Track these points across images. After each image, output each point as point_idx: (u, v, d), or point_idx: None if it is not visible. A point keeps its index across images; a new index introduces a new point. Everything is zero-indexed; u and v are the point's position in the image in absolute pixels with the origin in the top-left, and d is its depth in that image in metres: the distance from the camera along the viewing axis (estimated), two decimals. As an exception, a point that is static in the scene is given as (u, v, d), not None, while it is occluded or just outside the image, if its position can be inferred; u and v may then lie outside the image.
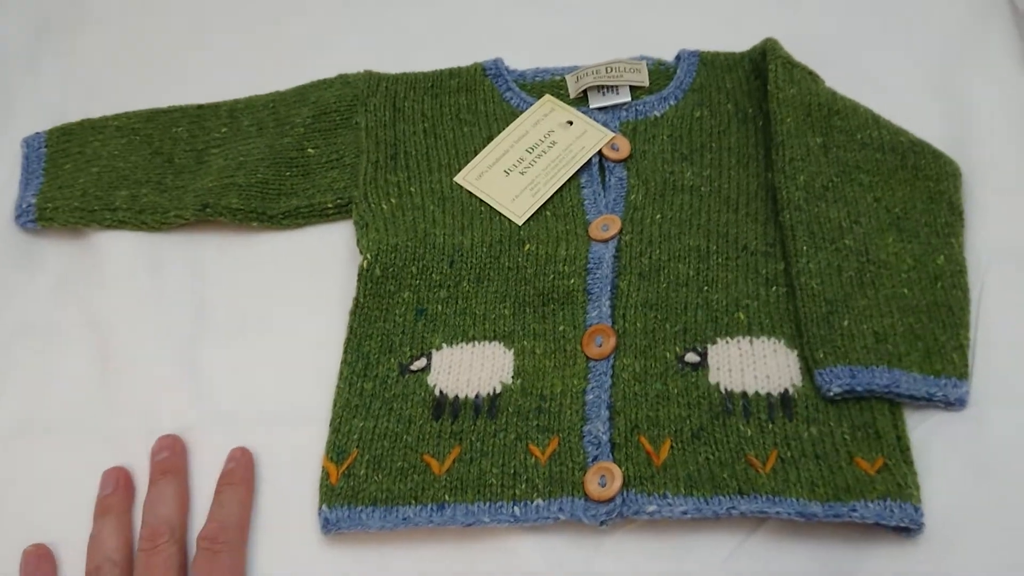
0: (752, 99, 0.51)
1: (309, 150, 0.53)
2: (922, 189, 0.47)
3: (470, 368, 0.43)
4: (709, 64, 0.53)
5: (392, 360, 0.44)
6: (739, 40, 0.54)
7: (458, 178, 0.50)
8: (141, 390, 0.46)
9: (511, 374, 0.43)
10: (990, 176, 0.48)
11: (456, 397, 0.42)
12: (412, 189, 0.50)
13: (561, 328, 0.44)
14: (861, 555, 0.38)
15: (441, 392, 0.42)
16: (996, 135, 0.49)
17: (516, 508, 0.39)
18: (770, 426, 0.40)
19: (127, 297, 0.49)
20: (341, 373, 0.44)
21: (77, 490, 0.43)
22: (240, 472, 0.42)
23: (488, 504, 0.39)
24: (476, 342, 0.44)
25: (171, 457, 0.43)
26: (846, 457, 0.39)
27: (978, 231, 0.46)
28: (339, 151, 0.52)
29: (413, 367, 0.43)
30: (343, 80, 0.55)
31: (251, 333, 0.47)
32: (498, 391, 0.42)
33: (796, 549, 0.38)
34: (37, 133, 0.55)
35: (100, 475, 0.43)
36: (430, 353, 0.44)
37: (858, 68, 0.53)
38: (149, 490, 0.42)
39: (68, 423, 0.45)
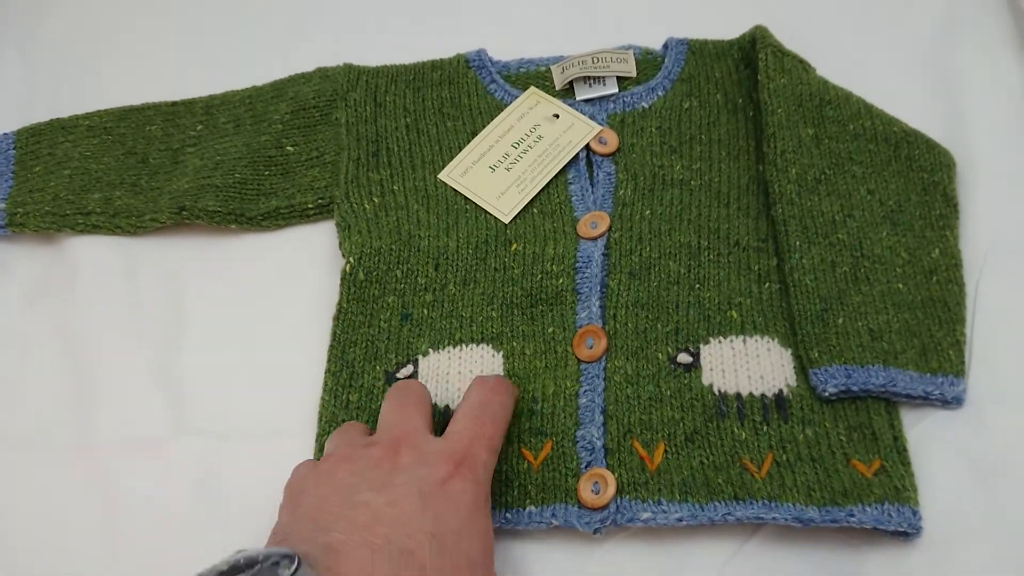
0: (742, 89, 0.50)
1: (288, 148, 0.51)
2: (916, 180, 0.46)
3: (459, 375, 0.42)
4: (698, 53, 0.52)
5: (377, 368, 0.43)
6: (726, 26, 0.52)
7: (442, 175, 0.49)
8: (115, 401, 0.44)
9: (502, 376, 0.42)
10: (984, 166, 0.47)
11: (447, 407, 0.41)
12: (395, 187, 0.49)
13: (551, 330, 0.43)
14: (859, 559, 0.37)
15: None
16: (990, 122, 0.48)
17: (508, 514, 0.38)
18: (765, 428, 0.39)
19: (101, 304, 0.47)
20: (325, 384, 0.43)
21: (49, 503, 0.42)
22: (505, 385, 0.39)
23: None
24: (463, 345, 0.43)
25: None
26: (842, 459, 0.38)
27: (973, 223, 0.45)
28: (319, 148, 0.51)
29: (399, 375, 0.42)
30: (322, 74, 0.53)
31: (230, 340, 0.46)
32: None
33: (793, 554, 0.37)
34: (5, 134, 0.53)
35: (72, 489, 0.41)
36: (416, 360, 0.43)
37: (846, 53, 0.52)
38: None
39: (40, 435, 0.44)
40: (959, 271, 0.43)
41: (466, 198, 0.48)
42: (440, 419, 0.41)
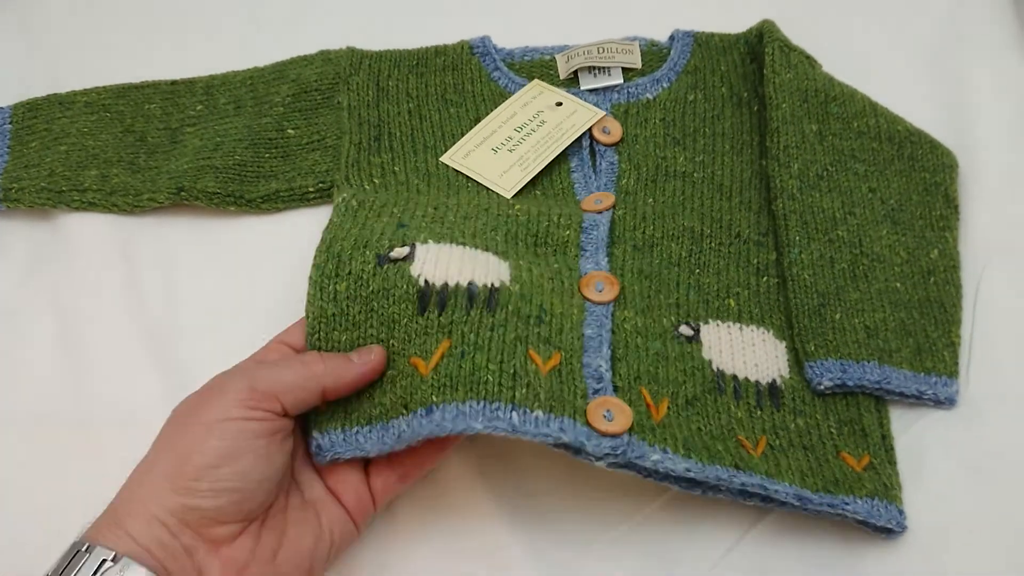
0: (747, 83, 0.50)
1: (289, 131, 0.51)
2: (918, 180, 0.46)
3: (460, 260, 0.37)
4: (704, 45, 0.52)
5: (368, 253, 0.38)
6: (733, 19, 0.52)
7: (444, 158, 0.49)
8: (110, 378, 0.44)
9: (509, 278, 0.38)
10: (988, 166, 0.47)
11: (445, 285, 0.36)
12: (396, 168, 0.48)
13: (556, 267, 0.41)
14: (853, 559, 0.37)
15: (426, 282, 0.37)
16: (993, 124, 0.49)
17: (514, 414, 0.33)
18: (759, 413, 0.39)
19: (97, 283, 0.47)
20: (311, 278, 0.38)
21: (41, 480, 0.42)
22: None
23: (482, 404, 0.33)
24: (466, 247, 0.38)
25: None
26: (832, 451, 0.38)
27: (975, 223, 0.45)
28: (320, 132, 0.51)
29: (393, 255, 0.38)
30: (324, 57, 0.53)
31: (225, 321, 0.46)
32: (496, 286, 0.37)
33: (787, 554, 0.37)
34: (0, 108, 0.52)
35: (64, 467, 0.41)
36: (413, 244, 0.38)
37: (851, 50, 0.52)
38: None
39: (33, 412, 0.44)
40: (957, 273, 0.43)
41: (468, 177, 0.48)
42: (437, 299, 0.36)
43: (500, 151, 0.48)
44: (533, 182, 0.47)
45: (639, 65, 0.51)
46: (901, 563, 0.37)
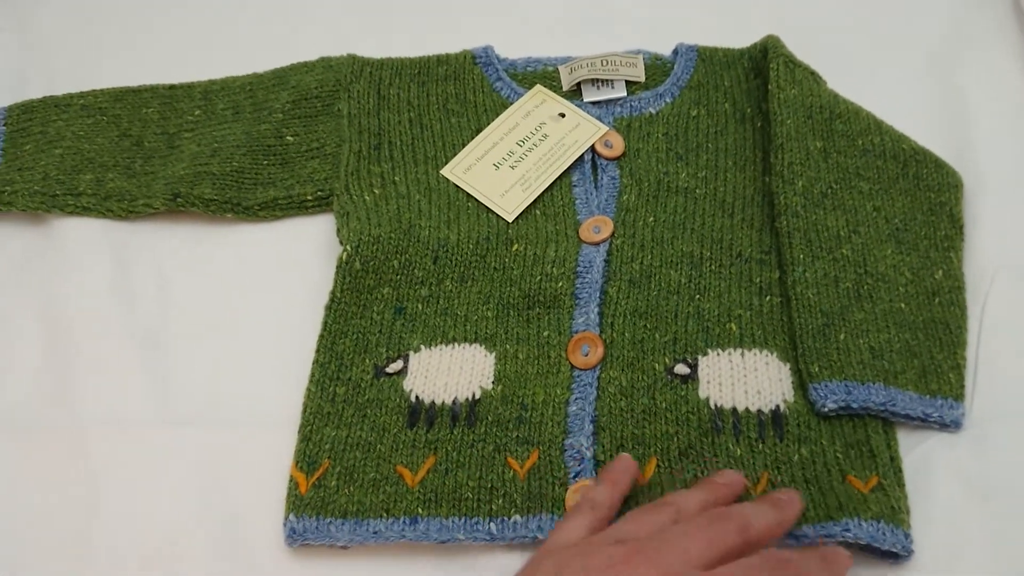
0: (751, 99, 0.50)
1: (288, 138, 0.50)
2: (923, 200, 0.46)
3: (448, 372, 0.41)
4: (707, 60, 0.52)
5: (367, 361, 0.42)
6: (736, 33, 0.52)
7: (445, 171, 0.48)
8: (101, 386, 0.43)
9: (491, 379, 0.41)
10: (990, 185, 0.46)
11: (432, 403, 0.40)
12: (396, 179, 0.48)
13: (546, 334, 0.42)
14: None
15: (417, 398, 0.41)
16: (998, 142, 0.48)
17: (492, 525, 0.37)
18: (760, 447, 0.38)
19: (89, 289, 0.46)
20: (312, 375, 0.42)
21: (30, 486, 0.41)
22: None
23: (463, 519, 0.37)
24: (456, 344, 0.42)
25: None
26: (838, 477, 0.37)
27: (980, 244, 0.45)
28: (320, 140, 0.50)
29: (389, 369, 0.42)
30: (325, 64, 0.52)
31: (220, 330, 0.45)
32: (477, 396, 0.40)
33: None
34: (-5, 109, 0.52)
35: (52, 472, 0.41)
36: (407, 355, 0.42)
37: (854, 67, 0.51)
38: None
39: (22, 418, 0.43)
40: (962, 294, 0.43)
41: (468, 195, 0.47)
42: (426, 417, 0.40)
43: (502, 167, 0.48)
44: (535, 199, 0.47)
45: (643, 79, 0.51)
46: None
